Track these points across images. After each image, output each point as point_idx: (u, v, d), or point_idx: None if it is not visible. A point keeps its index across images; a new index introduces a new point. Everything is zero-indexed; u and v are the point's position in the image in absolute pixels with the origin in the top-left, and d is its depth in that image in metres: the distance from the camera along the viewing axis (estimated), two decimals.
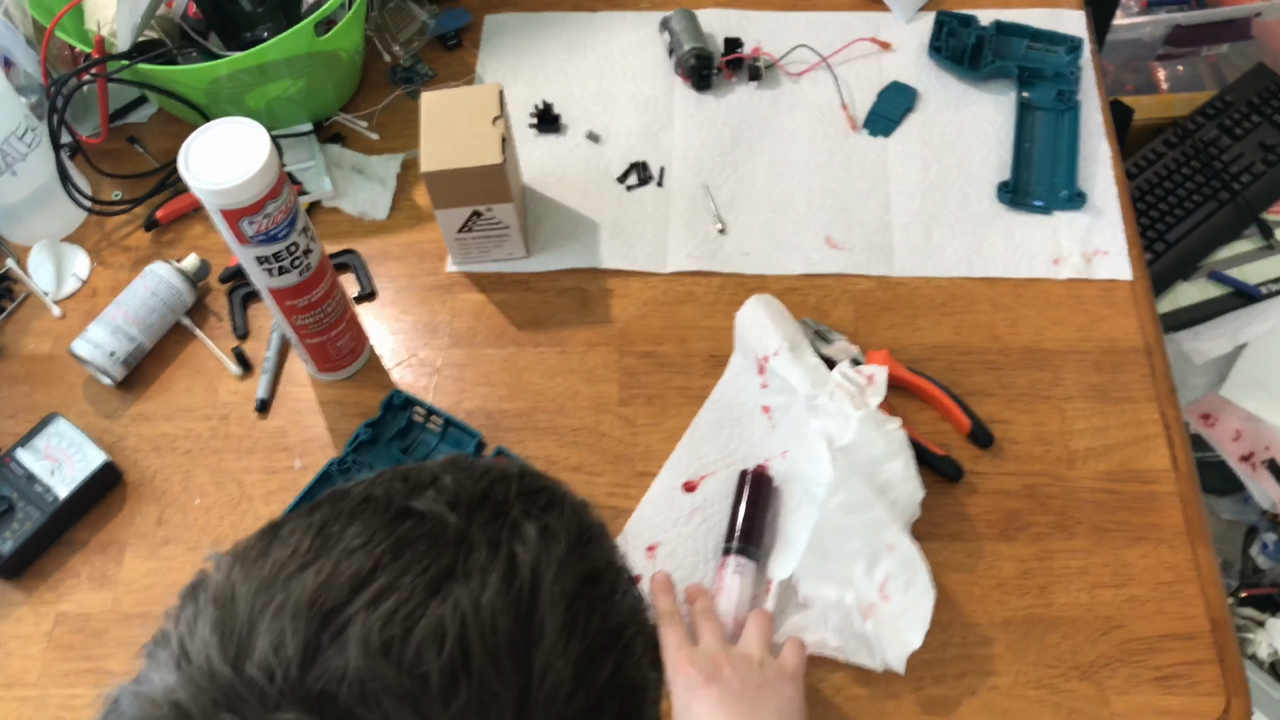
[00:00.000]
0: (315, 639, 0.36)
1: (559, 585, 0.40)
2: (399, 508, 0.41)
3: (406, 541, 0.39)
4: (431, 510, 0.40)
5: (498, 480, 0.44)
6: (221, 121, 0.74)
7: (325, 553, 0.39)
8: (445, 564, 0.38)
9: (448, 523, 0.40)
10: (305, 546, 0.39)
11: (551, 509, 0.43)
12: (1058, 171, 1.03)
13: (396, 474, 0.44)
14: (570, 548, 0.42)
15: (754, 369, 0.90)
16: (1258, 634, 1.37)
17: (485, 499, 0.42)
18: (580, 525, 0.44)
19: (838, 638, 0.78)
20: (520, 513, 0.42)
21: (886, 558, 0.78)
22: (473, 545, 0.39)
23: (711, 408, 0.90)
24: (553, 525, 0.42)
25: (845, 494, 0.78)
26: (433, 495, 0.41)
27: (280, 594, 0.37)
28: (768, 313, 0.90)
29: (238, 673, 0.35)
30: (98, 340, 0.93)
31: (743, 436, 0.89)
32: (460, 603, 0.37)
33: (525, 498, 0.43)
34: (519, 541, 0.40)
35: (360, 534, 0.39)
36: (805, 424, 0.85)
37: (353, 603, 0.37)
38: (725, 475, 0.87)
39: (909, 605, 0.77)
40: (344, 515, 0.41)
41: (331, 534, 0.40)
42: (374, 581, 0.37)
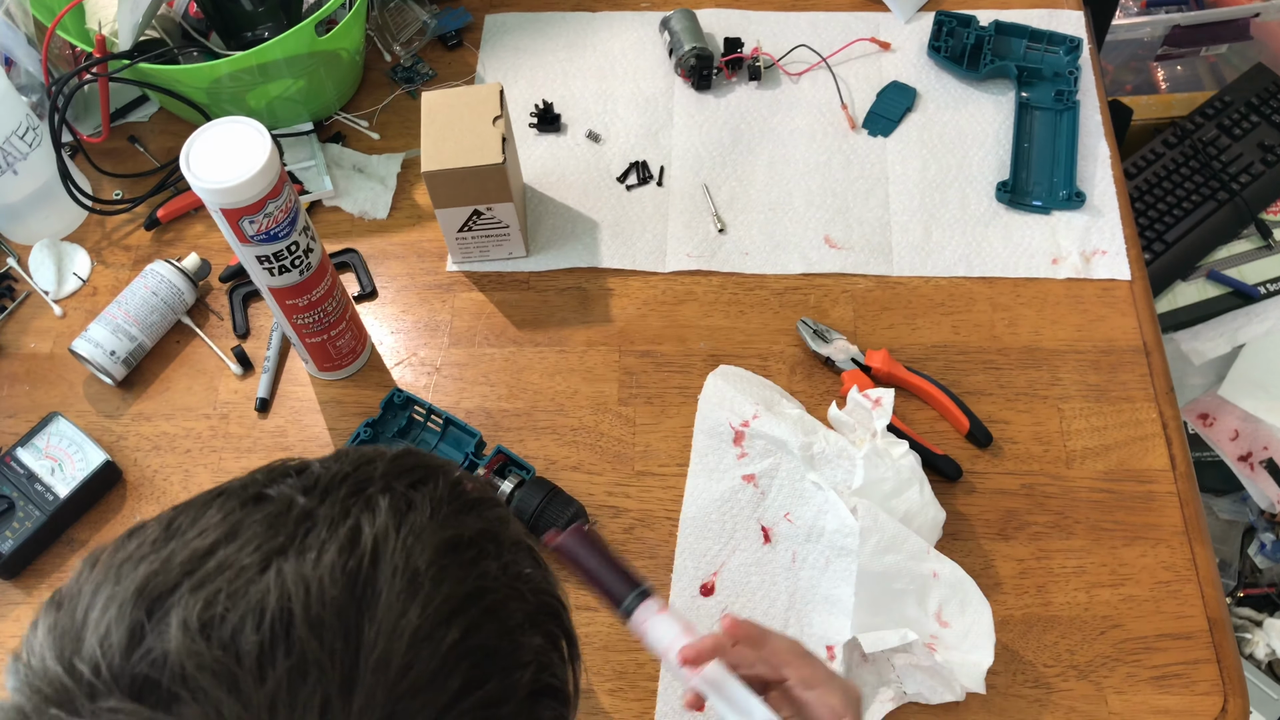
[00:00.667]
0: (140, 626, 0.36)
1: (405, 554, 0.39)
2: (252, 495, 0.41)
3: (244, 525, 0.39)
4: (282, 494, 0.41)
5: (367, 463, 0.43)
6: (222, 121, 0.74)
7: (168, 543, 0.39)
8: (279, 542, 0.38)
9: (295, 504, 0.40)
10: (152, 539, 0.40)
11: (423, 484, 0.43)
12: (1057, 171, 1.03)
13: (269, 466, 0.44)
14: (434, 517, 0.41)
15: (725, 445, 0.88)
16: (1255, 634, 1.37)
17: (345, 480, 0.42)
18: (455, 496, 0.43)
19: (912, 685, 0.77)
20: (379, 489, 0.41)
21: (934, 586, 0.78)
22: (315, 522, 0.39)
23: (691, 503, 0.87)
24: (415, 498, 0.42)
25: (877, 536, 0.77)
26: (291, 482, 0.41)
27: (113, 587, 0.38)
28: (731, 384, 0.89)
29: (68, 669, 0.36)
30: (98, 339, 0.93)
31: (734, 516, 0.85)
32: (285, 577, 0.37)
33: (393, 476, 0.43)
34: (368, 515, 0.40)
35: (206, 522, 0.40)
36: (801, 479, 0.85)
37: (180, 587, 0.37)
38: (737, 563, 0.84)
39: (970, 625, 0.77)
40: (197, 506, 0.41)
41: (179, 525, 0.40)
42: (206, 564, 0.38)
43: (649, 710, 0.79)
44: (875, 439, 0.83)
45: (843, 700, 0.62)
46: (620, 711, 0.79)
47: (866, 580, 0.77)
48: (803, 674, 0.63)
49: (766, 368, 0.94)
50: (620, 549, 0.85)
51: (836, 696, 0.62)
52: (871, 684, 0.78)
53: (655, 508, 0.87)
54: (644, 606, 0.65)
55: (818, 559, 0.82)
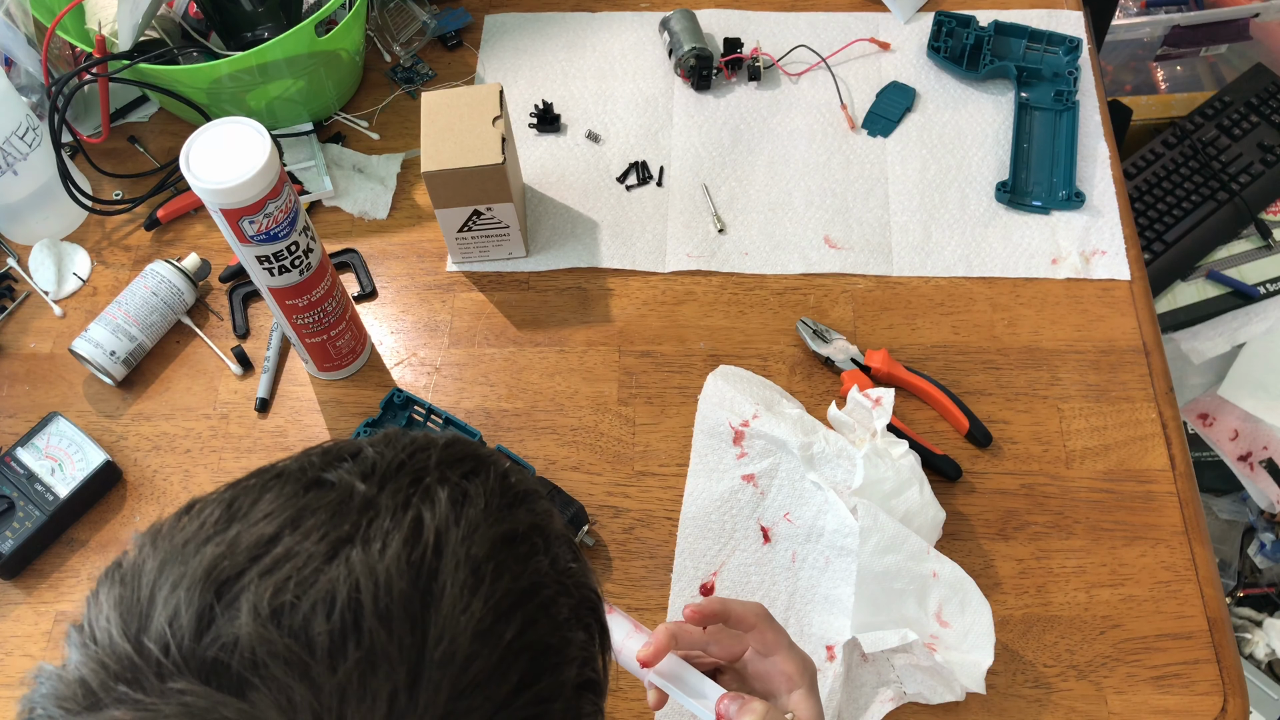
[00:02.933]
0: (209, 609, 0.36)
1: (466, 546, 0.39)
2: (311, 479, 0.41)
3: (309, 510, 0.39)
4: (342, 480, 0.41)
5: (420, 450, 0.43)
6: (222, 121, 0.74)
7: (230, 525, 0.39)
8: (345, 530, 0.38)
9: (356, 491, 0.40)
10: (214, 519, 0.40)
11: (475, 475, 0.43)
12: (1056, 171, 1.03)
13: (321, 448, 0.44)
14: (488, 510, 0.41)
15: (725, 445, 0.88)
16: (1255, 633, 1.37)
17: (402, 468, 0.42)
18: (505, 489, 0.43)
19: (912, 685, 0.77)
20: (436, 479, 0.41)
21: (934, 586, 0.78)
22: (378, 511, 0.39)
23: (691, 503, 0.86)
24: (470, 490, 0.42)
25: (877, 536, 0.77)
26: (348, 467, 0.42)
27: (180, 567, 0.38)
28: (731, 383, 0.89)
29: (136, 646, 0.36)
30: (98, 339, 0.93)
31: (734, 516, 0.85)
32: (354, 567, 0.37)
33: (446, 465, 0.43)
34: (428, 505, 0.40)
35: (267, 505, 0.40)
36: (801, 479, 0.85)
37: (249, 571, 0.37)
38: (736, 564, 0.84)
39: (970, 625, 0.77)
40: (256, 489, 0.41)
41: (241, 507, 0.40)
42: (272, 550, 0.38)
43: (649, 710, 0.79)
44: (875, 439, 0.83)
45: (798, 668, 0.62)
46: (620, 711, 0.79)
47: (866, 580, 0.77)
48: (764, 638, 0.64)
49: (766, 368, 0.94)
50: (620, 549, 0.86)
51: (792, 664, 0.63)
52: (871, 684, 0.78)
53: (655, 508, 0.87)
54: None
55: (817, 559, 0.82)
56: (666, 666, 0.62)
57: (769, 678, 0.63)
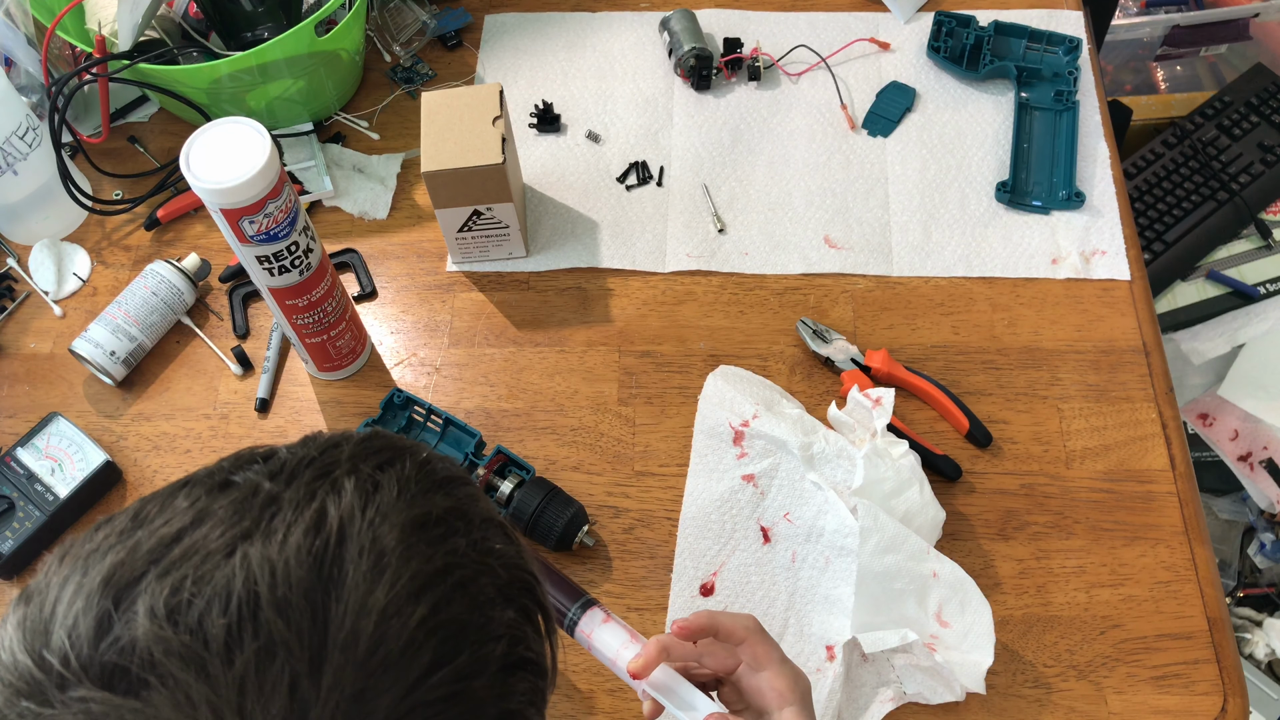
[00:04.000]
0: (107, 615, 0.36)
1: (371, 533, 0.39)
2: (219, 481, 0.41)
3: (211, 511, 0.39)
4: (248, 480, 0.41)
5: (333, 446, 0.43)
6: (222, 121, 0.74)
7: (135, 532, 0.39)
8: (245, 526, 0.38)
9: (261, 489, 0.40)
10: (119, 530, 0.40)
11: (390, 466, 0.43)
12: (1056, 171, 1.03)
13: (238, 452, 0.44)
14: (400, 498, 0.41)
15: (725, 445, 0.88)
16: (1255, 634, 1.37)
17: (311, 464, 0.42)
18: (423, 476, 0.43)
19: (912, 685, 0.77)
20: (345, 472, 0.41)
21: (934, 586, 0.78)
22: (280, 506, 0.39)
23: (691, 503, 0.86)
24: (382, 480, 0.42)
25: (877, 536, 0.77)
26: (257, 468, 0.42)
27: (80, 578, 0.38)
28: (730, 384, 0.89)
29: (38, 661, 0.36)
30: (98, 339, 0.93)
31: (734, 516, 0.85)
32: (251, 560, 0.37)
33: (359, 458, 0.43)
34: (333, 497, 0.40)
35: (172, 510, 0.40)
36: (801, 480, 0.84)
37: (147, 574, 0.37)
38: (736, 563, 0.84)
39: (970, 625, 0.77)
40: (164, 495, 0.41)
41: (148, 514, 0.40)
42: (171, 551, 0.38)
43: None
44: (875, 439, 0.83)
45: (790, 684, 0.62)
46: (620, 711, 0.79)
47: (867, 580, 0.77)
48: (755, 653, 0.63)
49: (766, 368, 0.94)
50: (620, 549, 0.86)
51: (784, 680, 0.62)
52: (871, 684, 0.78)
53: (655, 508, 0.87)
54: (588, 617, 0.66)
55: (817, 559, 0.82)
56: (658, 678, 0.61)
57: (760, 693, 0.62)
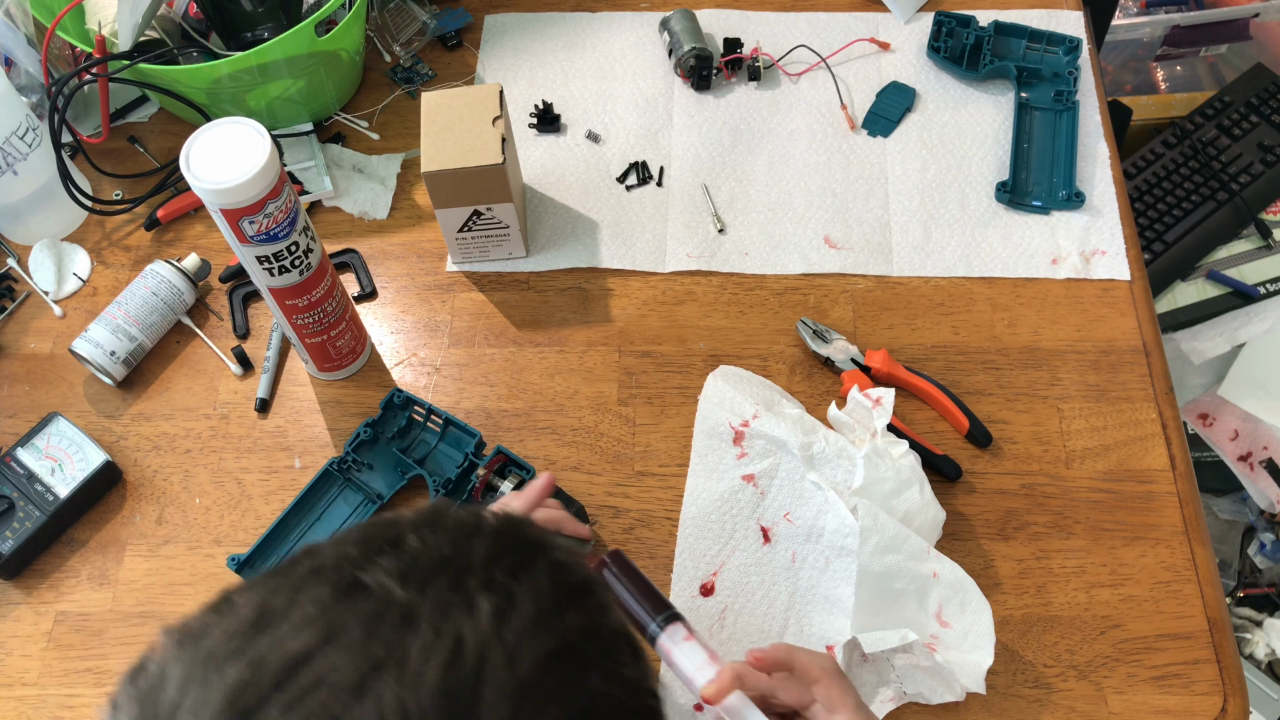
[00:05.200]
0: None
1: (510, 670, 0.37)
2: (347, 580, 0.39)
3: (343, 626, 0.37)
4: (379, 585, 0.38)
5: (465, 539, 0.41)
6: (222, 121, 0.74)
7: (260, 634, 0.37)
8: (378, 654, 0.36)
9: (394, 600, 0.38)
10: (243, 626, 0.38)
11: (521, 571, 0.40)
12: (1056, 171, 1.03)
13: (362, 534, 0.42)
14: (536, 619, 0.39)
15: (725, 445, 0.88)
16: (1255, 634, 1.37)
17: (444, 566, 0.39)
18: (556, 585, 0.41)
19: (912, 685, 0.77)
20: (479, 582, 0.39)
21: (935, 586, 0.78)
22: (415, 625, 0.37)
23: (691, 503, 0.86)
24: (518, 593, 0.39)
25: (877, 536, 0.77)
26: (386, 564, 0.39)
27: (201, 690, 0.36)
28: (731, 384, 0.89)
29: None
30: (98, 339, 0.93)
31: (734, 516, 0.85)
32: (384, 703, 0.35)
33: (493, 561, 0.40)
34: (469, 619, 0.37)
35: (300, 613, 0.38)
36: (800, 480, 0.84)
37: (272, 701, 0.35)
38: (736, 563, 0.83)
39: (970, 625, 0.77)
40: (290, 587, 0.39)
41: (273, 609, 0.38)
42: (299, 675, 0.36)
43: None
44: (875, 439, 0.83)
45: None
46: None
47: (867, 580, 0.77)
48: (830, 694, 0.62)
49: (766, 368, 0.94)
50: (620, 549, 0.85)
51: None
52: (871, 684, 0.78)
53: (655, 508, 0.87)
54: (669, 632, 0.66)
55: (817, 559, 0.82)
56: (732, 702, 0.61)
57: None
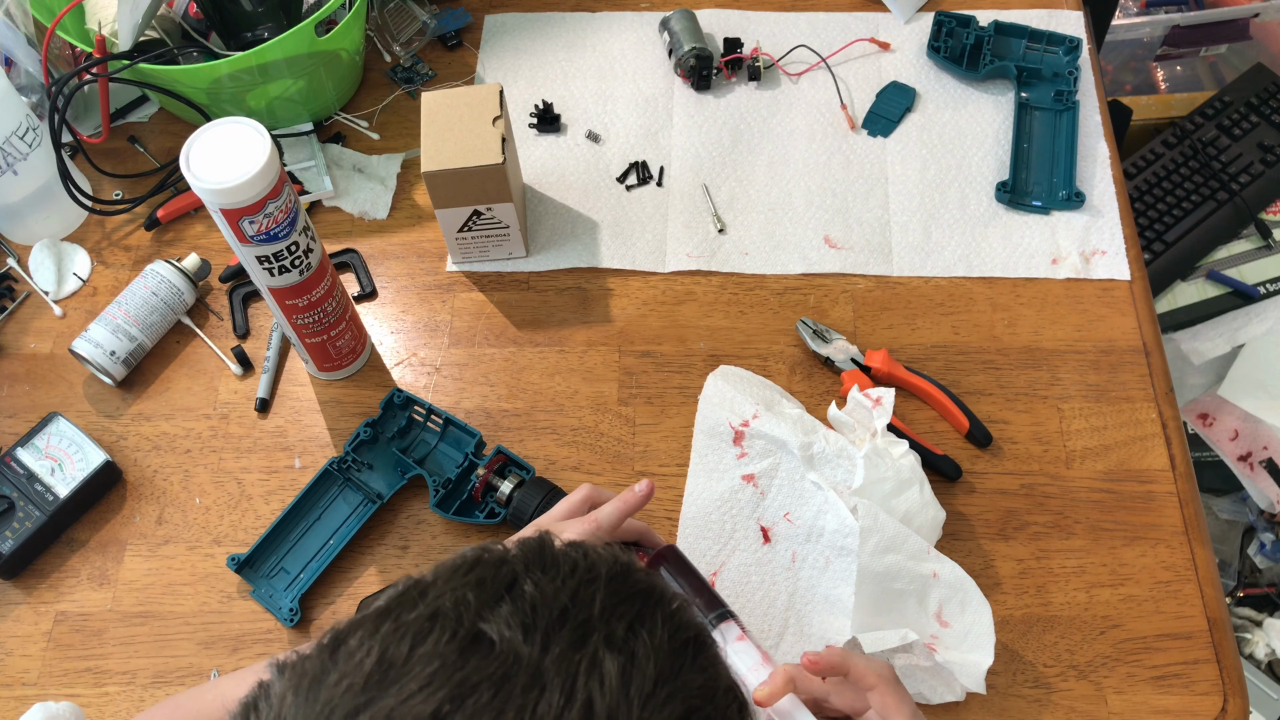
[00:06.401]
0: None
1: None
2: (469, 631, 0.38)
3: (471, 685, 0.36)
4: (503, 638, 0.38)
5: (583, 586, 0.41)
6: (222, 121, 0.74)
7: (383, 690, 0.37)
8: (509, 718, 0.36)
9: (519, 656, 0.38)
10: (362, 679, 0.37)
11: (640, 625, 0.40)
12: (1056, 171, 1.03)
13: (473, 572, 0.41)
14: (659, 680, 0.39)
15: (725, 445, 0.88)
16: (1255, 634, 1.37)
17: (565, 618, 0.39)
18: (673, 645, 0.41)
19: (912, 685, 0.77)
20: (602, 639, 0.39)
21: (935, 586, 0.78)
22: (544, 687, 0.37)
23: (690, 503, 0.86)
24: (638, 650, 0.39)
25: (877, 536, 0.77)
26: (507, 612, 0.39)
27: None
28: (731, 383, 0.89)
29: None
30: (98, 339, 0.93)
31: (734, 516, 0.85)
32: None
33: (611, 613, 0.40)
34: (596, 682, 0.37)
35: (423, 667, 0.37)
36: (801, 480, 0.84)
37: None
38: (736, 563, 0.84)
39: (970, 625, 0.77)
40: (409, 635, 0.39)
41: (393, 662, 0.38)
42: None
43: None
44: (875, 438, 0.83)
45: None
46: None
47: (867, 580, 0.77)
48: (885, 701, 0.62)
49: (766, 368, 0.94)
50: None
51: None
52: None
53: (655, 508, 0.87)
54: (722, 630, 0.66)
55: (818, 559, 0.82)
56: (783, 705, 0.61)
57: None
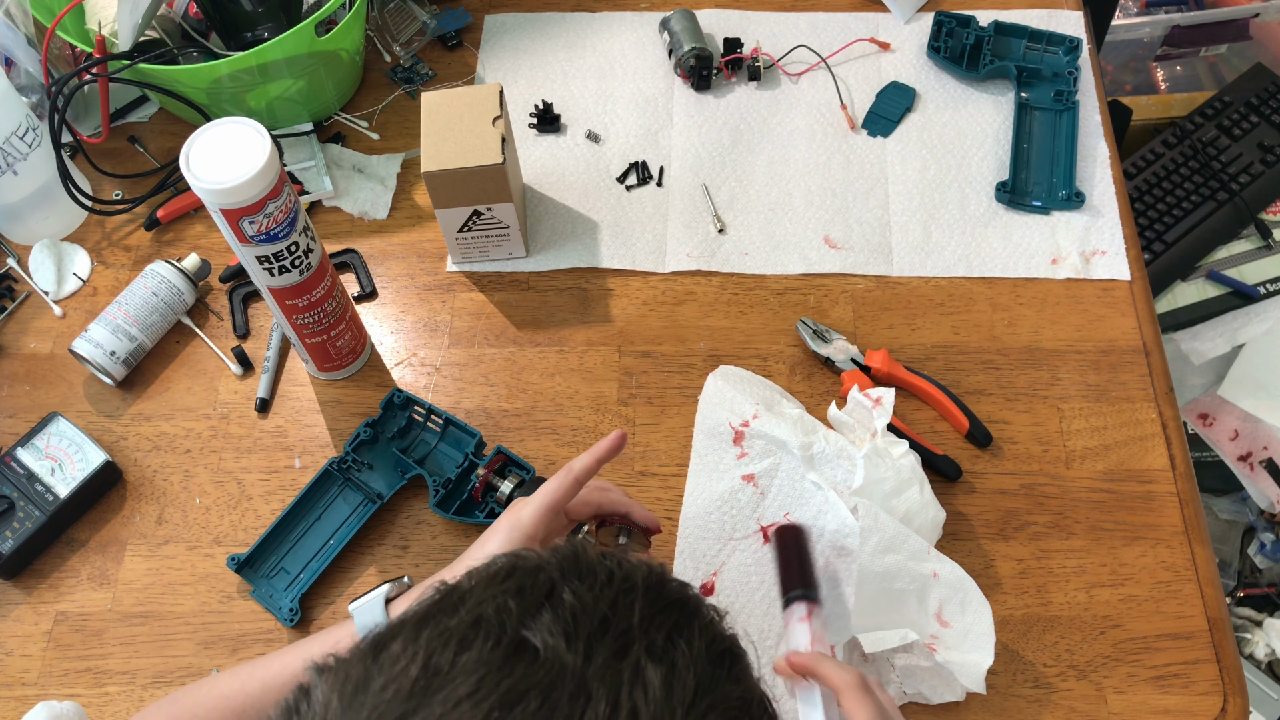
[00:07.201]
0: None
1: None
2: (513, 639, 0.39)
3: (519, 693, 0.37)
4: (547, 646, 0.38)
5: (621, 595, 0.41)
6: (222, 121, 0.74)
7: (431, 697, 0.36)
8: None
9: (564, 664, 0.38)
10: (408, 685, 0.37)
11: (678, 635, 0.41)
12: (1056, 171, 1.03)
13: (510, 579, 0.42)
14: (698, 690, 0.39)
15: (725, 445, 0.87)
16: (1255, 633, 1.37)
17: (606, 627, 0.40)
18: (710, 655, 0.42)
19: (912, 684, 0.77)
20: (643, 649, 0.39)
21: (934, 585, 0.78)
22: (590, 695, 0.37)
23: (691, 502, 0.86)
24: (678, 661, 0.40)
25: (877, 536, 0.77)
26: (549, 620, 0.39)
27: None
28: (730, 383, 0.89)
29: None
30: (98, 339, 0.93)
31: (734, 517, 0.85)
32: None
33: (650, 623, 0.41)
34: (641, 691, 0.38)
35: (468, 675, 0.37)
36: (801, 480, 0.84)
37: None
38: (736, 564, 0.84)
39: (970, 624, 0.77)
40: (453, 642, 0.39)
41: (438, 669, 0.38)
42: None
43: None
44: (875, 438, 0.83)
45: None
46: None
47: (867, 580, 0.77)
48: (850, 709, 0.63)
49: (766, 368, 0.94)
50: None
51: None
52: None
53: (655, 508, 0.87)
54: (794, 608, 0.73)
55: (817, 559, 0.82)
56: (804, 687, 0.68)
57: None
